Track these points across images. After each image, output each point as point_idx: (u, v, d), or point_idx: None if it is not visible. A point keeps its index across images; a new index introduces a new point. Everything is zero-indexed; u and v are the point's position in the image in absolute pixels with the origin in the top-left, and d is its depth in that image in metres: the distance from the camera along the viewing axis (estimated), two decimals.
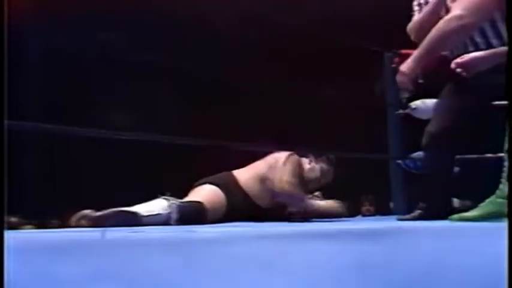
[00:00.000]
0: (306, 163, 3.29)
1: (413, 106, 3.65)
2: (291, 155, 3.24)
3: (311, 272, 0.79)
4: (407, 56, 3.76)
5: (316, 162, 3.30)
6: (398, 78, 2.89)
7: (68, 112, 4.75)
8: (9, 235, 0.96)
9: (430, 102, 3.49)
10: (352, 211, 4.13)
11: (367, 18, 4.79)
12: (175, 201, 2.78)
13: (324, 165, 3.31)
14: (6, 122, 1.40)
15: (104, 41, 5.11)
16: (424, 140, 2.90)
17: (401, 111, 3.86)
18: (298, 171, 3.19)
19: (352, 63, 4.37)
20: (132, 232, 1.90)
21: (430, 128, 2.90)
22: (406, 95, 3.97)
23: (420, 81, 3.79)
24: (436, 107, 3.06)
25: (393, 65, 3.88)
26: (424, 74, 3.75)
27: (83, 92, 5.07)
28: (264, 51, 5.04)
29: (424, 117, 3.51)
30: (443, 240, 1.51)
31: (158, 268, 0.84)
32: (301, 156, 3.30)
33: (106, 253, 1.11)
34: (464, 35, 2.73)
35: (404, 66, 2.87)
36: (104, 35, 5.14)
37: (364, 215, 4.82)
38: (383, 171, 4.08)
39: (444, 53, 3.04)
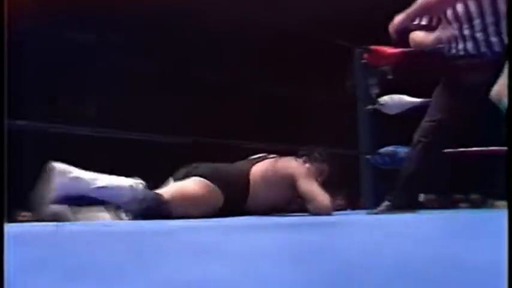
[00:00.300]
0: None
1: (382, 102, 3.68)
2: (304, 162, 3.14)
3: (248, 260, 0.81)
4: (377, 52, 3.81)
5: (311, 162, 3.19)
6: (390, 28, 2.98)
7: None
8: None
9: (398, 97, 3.53)
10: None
11: (338, 15, 4.82)
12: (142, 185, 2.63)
13: (318, 164, 3.21)
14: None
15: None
16: (417, 136, 2.90)
17: (370, 106, 3.90)
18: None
19: (323, 59, 4.40)
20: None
21: (427, 123, 2.91)
22: (376, 90, 4.02)
23: (389, 77, 3.85)
24: (433, 104, 3.05)
25: (363, 61, 3.92)
26: (393, 69, 3.81)
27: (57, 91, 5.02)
28: (233, 49, 5.05)
29: (392, 112, 3.55)
30: (375, 231, 1.55)
31: (104, 257, 0.85)
32: (297, 157, 3.20)
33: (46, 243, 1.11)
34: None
35: (396, 18, 2.96)
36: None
37: (336, 210, 4.85)
38: (355, 166, 4.11)
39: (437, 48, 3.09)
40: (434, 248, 1.03)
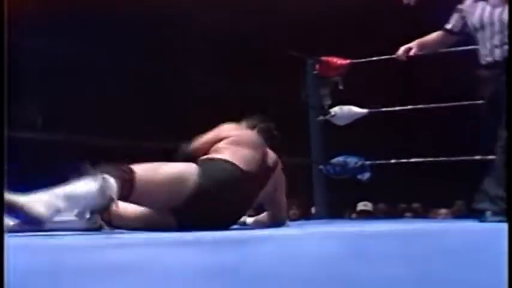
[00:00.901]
0: None
1: (333, 113, 3.72)
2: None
3: (162, 276, 0.82)
4: (327, 63, 3.86)
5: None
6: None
7: None
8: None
9: (347, 108, 3.57)
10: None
11: (291, 27, 4.86)
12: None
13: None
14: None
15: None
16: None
17: (321, 117, 3.93)
18: None
19: (276, 69, 4.43)
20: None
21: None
22: (328, 101, 4.07)
23: (340, 87, 3.90)
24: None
25: (315, 72, 3.96)
26: (344, 80, 3.86)
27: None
28: (189, 56, 5.04)
29: (341, 123, 3.59)
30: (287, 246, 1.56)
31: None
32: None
33: None
34: None
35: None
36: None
37: (290, 219, 4.87)
38: (309, 175, 4.14)
39: None
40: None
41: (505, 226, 2.00)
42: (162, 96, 4.78)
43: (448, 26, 2.99)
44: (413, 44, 3.17)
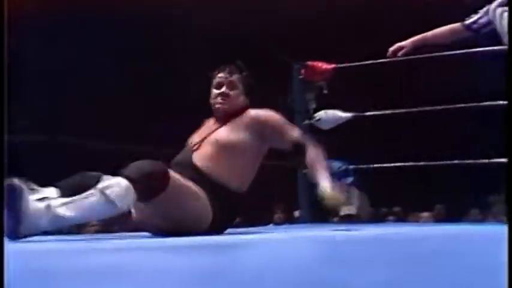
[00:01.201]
0: None
1: (317, 117, 3.73)
2: None
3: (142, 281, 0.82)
4: (312, 67, 3.88)
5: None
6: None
7: None
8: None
9: (332, 113, 3.59)
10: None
11: (277, 31, 4.88)
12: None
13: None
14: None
15: None
16: None
17: (307, 121, 3.94)
18: None
19: (262, 73, 4.43)
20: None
21: None
22: (313, 105, 4.08)
23: (324, 91, 3.92)
24: None
25: (300, 76, 3.97)
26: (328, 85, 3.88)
27: None
28: (166, 61, 5.04)
29: (326, 127, 3.61)
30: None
31: None
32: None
33: None
34: None
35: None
36: None
37: (275, 224, 4.89)
38: (293, 179, 4.15)
39: None
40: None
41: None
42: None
43: (468, 21, 2.94)
44: (407, 42, 3.13)
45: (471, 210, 5.23)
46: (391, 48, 3.17)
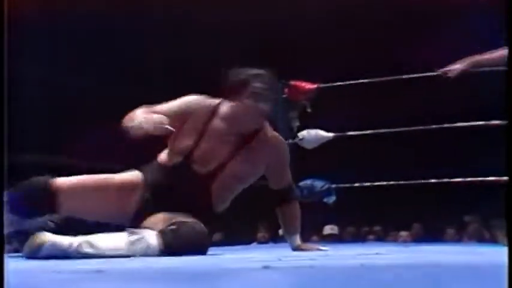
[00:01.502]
0: None
1: (300, 136, 3.76)
2: None
3: None
4: (295, 87, 3.91)
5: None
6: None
7: None
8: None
9: (314, 132, 3.62)
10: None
11: (261, 49, 4.92)
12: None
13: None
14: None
15: None
16: None
17: (290, 140, 3.97)
18: None
19: None
20: None
21: None
22: (297, 123, 4.11)
23: (308, 110, 3.95)
24: None
25: (284, 95, 4.00)
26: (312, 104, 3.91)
27: None
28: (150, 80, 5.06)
29: (309, 146, 3.63)
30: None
31: None
32: None
33: None
34: None
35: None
36: None
37: (259, 242, 4.88)
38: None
39: None
40: None
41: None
42: None
43: None
44: (462, 65, 3.06)
45: (447, 229, 5.25)
46: (443, 70, 3.11)
